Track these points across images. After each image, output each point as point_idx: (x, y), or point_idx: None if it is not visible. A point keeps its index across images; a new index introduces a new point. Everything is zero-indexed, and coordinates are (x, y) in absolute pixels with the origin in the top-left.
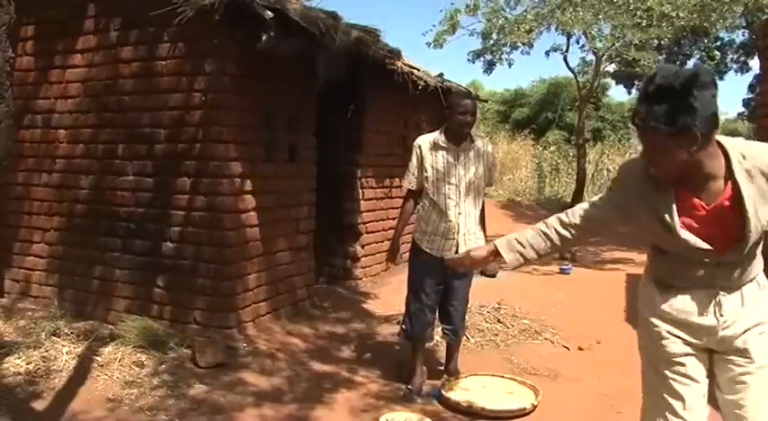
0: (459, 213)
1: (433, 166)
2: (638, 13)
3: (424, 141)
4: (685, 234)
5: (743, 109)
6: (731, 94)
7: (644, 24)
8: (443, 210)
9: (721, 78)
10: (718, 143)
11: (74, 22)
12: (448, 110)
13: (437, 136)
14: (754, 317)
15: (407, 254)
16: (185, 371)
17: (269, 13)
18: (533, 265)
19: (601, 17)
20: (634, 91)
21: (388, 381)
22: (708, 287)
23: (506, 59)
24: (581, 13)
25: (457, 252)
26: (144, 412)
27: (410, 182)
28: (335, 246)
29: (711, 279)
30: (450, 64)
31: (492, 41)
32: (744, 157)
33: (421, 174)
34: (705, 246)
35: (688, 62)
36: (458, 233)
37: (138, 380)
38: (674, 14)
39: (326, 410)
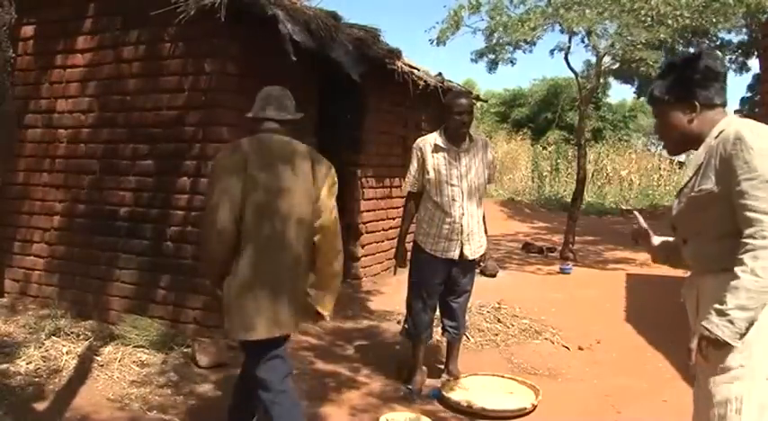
0: (463, 214)
1: (434, 168)
2: (643, 11)
3: (424, 143)
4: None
5: (741, 108)
6: (730, 94)
7: (648, 23)
8: (447, 212)
9: None
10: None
11: (74, 21)
12: (444, 111)
13: (437, 137)
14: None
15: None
16: (190, 370)
17: (273, 9)
18: (535, 265)
19: (606, 16)
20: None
21: (390, 380)
22: (687, 265)
23: (510, 59)
24: (587, 12)
25: (461, 253)
26: (156, 410)
27: (412, 184)
28: None
29: (685, 256)
30: (447, 62)
31: (495, 40)
32: (720, 133)
33: (422, 177)
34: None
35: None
36: (461, 234)
37: (146, 380)
38: (678, 14)
39: (334, 408)
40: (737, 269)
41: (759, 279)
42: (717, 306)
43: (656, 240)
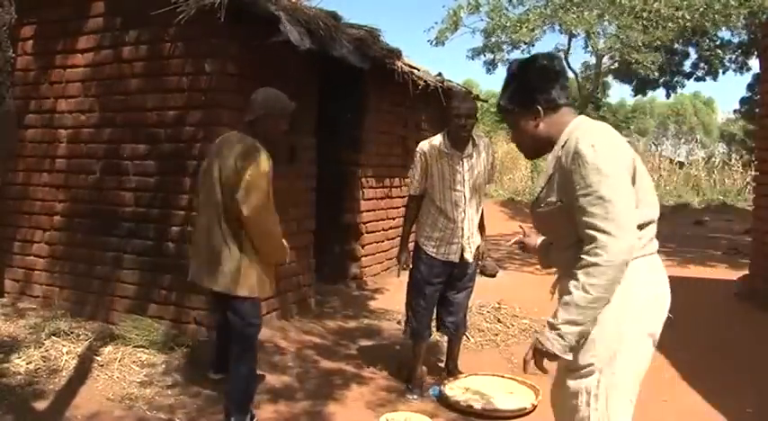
0: (464, 218)
1: (438, 174)
2: (644, 14)
3: (428, 147)
4: None
5: (741, 108)
6: (729, 94)
7: (648, 25)
8: (450, 217)
9: (715, 79)
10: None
11: (74, 21)
12: (446, 114)
13: (440, 141)
14: None
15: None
16: (190, 370)
17: (275, 9)
18: (534, 265)
19: (606, 18)
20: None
21: (391, 379)
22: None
23: (508, 60)
24: (585, 14)
25: (462, 255)
26: (156, 410)
27: (414, 189)
28: (335, 245)
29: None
30: (447, 62)
31: (493, 40)
32: (566, 143)
33: (424, 181)
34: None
35: (686, 62)
36: (462, 237)
37: (146, 380)
38: (678, 15)
39: (338, 406)
40: (571, 284)
41: (588, 295)
42: (549, 319)
43: (539, 241)
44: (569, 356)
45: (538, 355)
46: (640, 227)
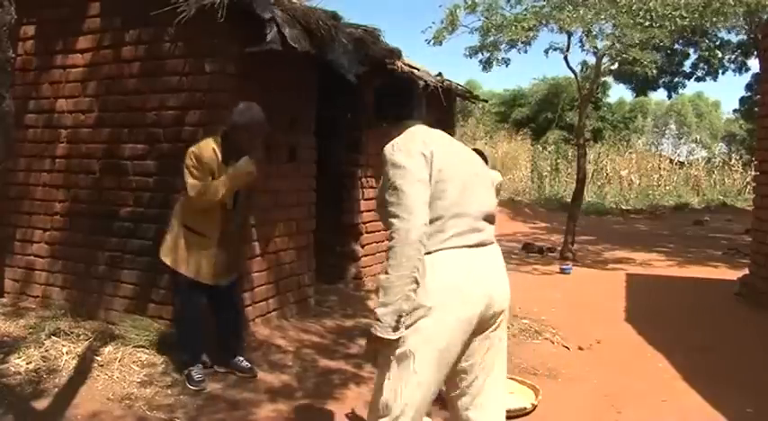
0: None
1: None
2: (641, 13)
3: None
4: None
5: (741, 108)
6: (730, 94)
7: (646, 25)
8: None
9: (715, 79)
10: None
11: (74, 21)
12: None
13: None
14: None
15: None
16: None
17: (268, 13)
18: (534, 265)
19: (603, 17)
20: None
21: None
22: None
23: (503, 59)
24: (581, 12)
25: None
26: (156, 410)
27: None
28: (335, 245)
29: None
30: (449, 61)
31: (490, 39)
32: None
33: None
34: None
35: (685, 62)
36: None
37: (146, 380)
38: (676, 14)
39: (338, 405)
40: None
41: (389, 276)
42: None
43: None
44: (394, 335)
45: (370, 343)
46: (439, 218)
